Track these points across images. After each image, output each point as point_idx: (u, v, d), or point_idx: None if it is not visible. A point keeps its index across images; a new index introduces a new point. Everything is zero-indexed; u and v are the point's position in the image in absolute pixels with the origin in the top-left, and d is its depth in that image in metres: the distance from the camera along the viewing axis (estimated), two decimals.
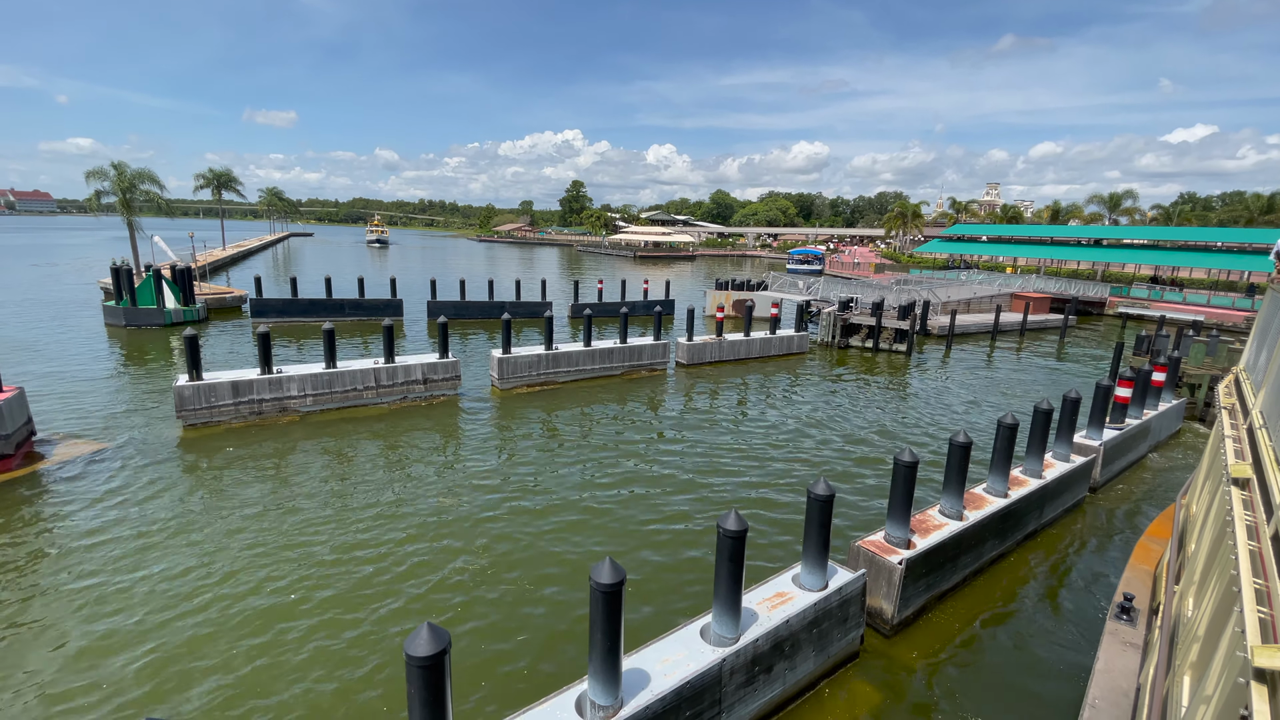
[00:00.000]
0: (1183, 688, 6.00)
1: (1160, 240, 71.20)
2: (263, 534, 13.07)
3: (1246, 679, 3.74)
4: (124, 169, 47.08)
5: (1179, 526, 11.44)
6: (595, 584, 6.42)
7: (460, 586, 11.52)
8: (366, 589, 11.33)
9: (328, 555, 12.37)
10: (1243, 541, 5.49)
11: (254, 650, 9.64)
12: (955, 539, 11.35)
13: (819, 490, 8.91)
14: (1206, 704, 4.61)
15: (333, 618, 10.49)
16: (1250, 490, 6.70)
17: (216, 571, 11.70)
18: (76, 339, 30.70)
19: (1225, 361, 25.45)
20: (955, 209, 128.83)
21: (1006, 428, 12.77)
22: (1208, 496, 9.34)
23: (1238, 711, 3.81)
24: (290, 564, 12.03)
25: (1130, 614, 9.67)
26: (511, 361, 24.19)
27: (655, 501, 15.31)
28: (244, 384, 19.37)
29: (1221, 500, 7.23)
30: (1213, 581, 6.33)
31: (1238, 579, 4.88)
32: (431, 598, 11.15)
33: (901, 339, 35.60)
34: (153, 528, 13.17)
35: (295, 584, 11.41)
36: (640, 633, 9.39)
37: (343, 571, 11.84)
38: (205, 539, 12.81)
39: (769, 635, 8.17)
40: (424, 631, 5.25)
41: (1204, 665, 5.36)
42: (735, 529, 7.62)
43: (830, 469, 17.79)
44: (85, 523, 13.29)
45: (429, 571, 11.95)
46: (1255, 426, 8.34)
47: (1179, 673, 6.36)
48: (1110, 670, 8.55)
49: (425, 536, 13.21)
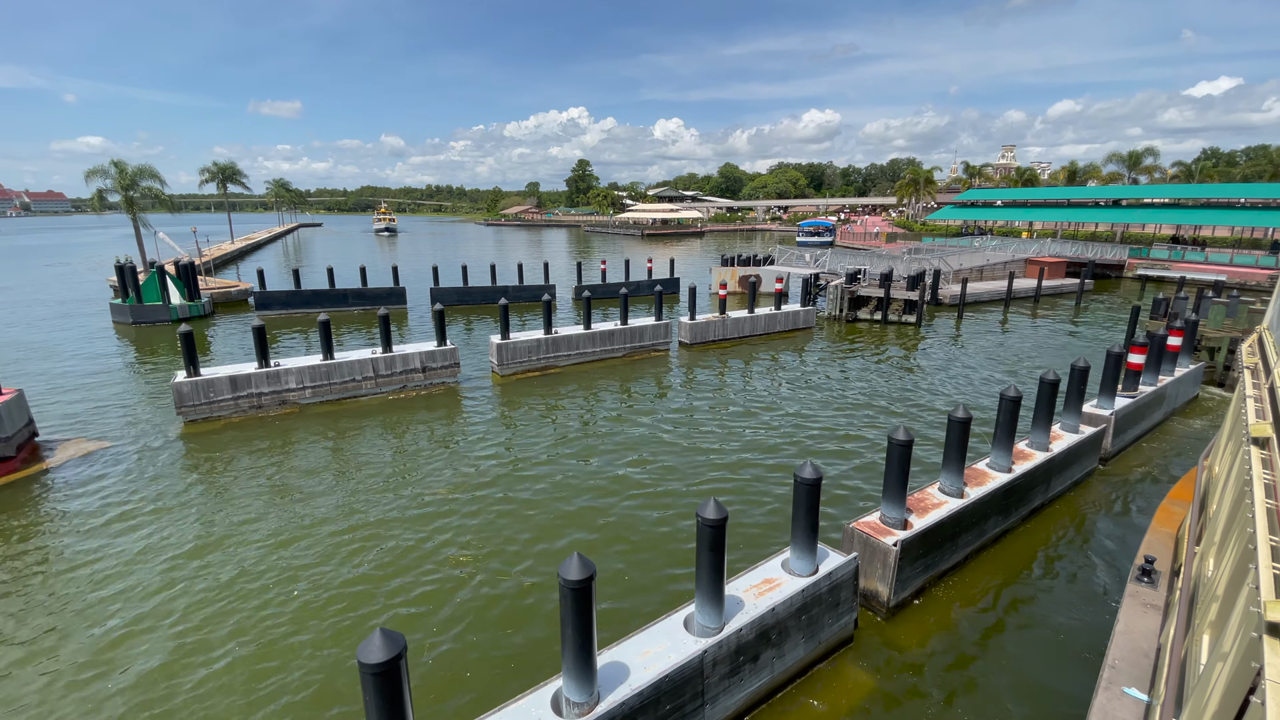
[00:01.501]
0: (1201, 646, 5.92)
1: (1181, 199, 69.00)
2: (260, 530, 13.08)
3: (1260, 634, 3.75)
4: (124, 166, 47.19)
5: (1201, 488, 11.27)
6: (564, 581, 6.21)
7: (455, 580, 11.43)
8: (363, 583, 11.29)
9: (326, 548, 12.35)
10: (1260, 499, 5.50)
11: (264, 649, 9.63)
12: (955, 518, 11.02)
13: (805, 474, 8.61)
14: (1223, 661, 4.60)
15: (342, 606, 10.47)
16: (1270, 449, 6.68)
17: (217, 566, 11.73)
18: (83, 338, 30.99)
19: (1245, 323, 24.58)
20: (969, 173, 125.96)
21: (1009, 400, 12.35)
22: (1229, 457, 9.20)
23: (1252, 667, 3.81)
24: (289, 559, 12.02)
25: (1151, 576, 9.60)
26: (510, 347, 24.00)
27: (655, 488, 15.11)
28: (242, 378, 19.37)
29: (1242, 460, 7.13)
30: (1232, 541, 6.25)
31: (1255, 536, 4.90)
32: (425, 591, 11.07)
33: (911, 310, 34.91)
34: (152, 526, 13.23)
35: (295, 578, 11.39)
36: (638, 621, 9.23)
37: (340, 564, 11.82)
38: (206, 534, 12.85)
39: (754, 624, 7.95)
40: (377, 638, 5.07)
41: (1222, 624, 5.34)
42: (714, 517, 7.37)
43: (835, 447, 17.46)
44: (85, 522, 13.38)
45: (425, 563, 11.88)
46: (1277, 385, 8.31)
47: (1198, 632, 6.27)
48: (1130, 632, 8.45)
49: (422, 527, 13.14)
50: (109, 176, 47.14)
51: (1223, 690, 4.29)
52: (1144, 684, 7.49)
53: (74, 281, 53.57)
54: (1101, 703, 7.28)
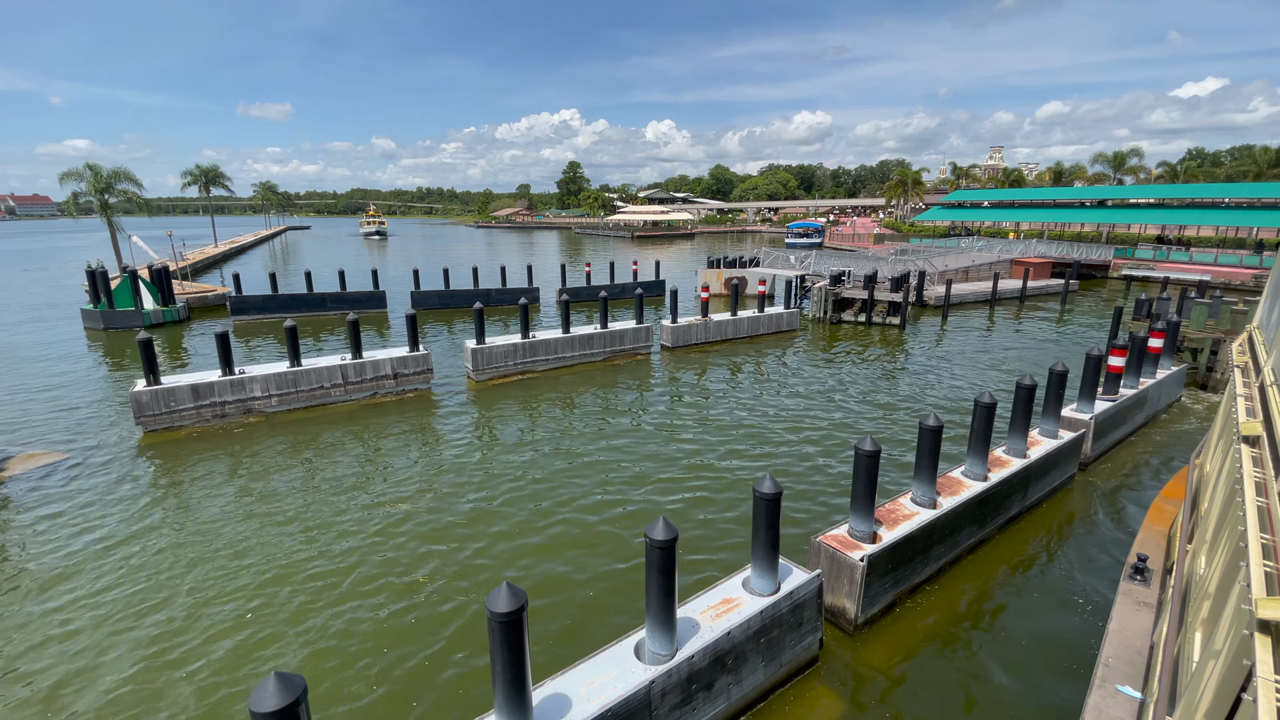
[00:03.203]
0: (1194, 644, 5.96)
1: (1166, 199, 69.23)
2: (218, 541, 12.56)
3: (1251, 631, 3.75)
4: (99, 169, 46.42)
5: (1192, 486, 11.36)
6: (492, 614, 5.78)
7: (415, 601, 10.97)
8: (322, 599, 10.80)
9: (288, 560, 11.85)
10: (1251, 497, 5.56)
11: (220, 662, 9.14)
12: (926, 529, 10.65)
13: (765, 488, 8.23)
14: (1215, 659, 4.62)
15: (302, 624, 9.99)
16: (1261, 448, 6.76)
17: (170, 584, 11.21)
18: (51, 344, 30.25)
19: (1228, 324, 24.41)
20: (956, 174, 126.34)
21: (984, 407, 12.02)
22: (1220, 455, 9.28)
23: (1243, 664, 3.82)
24: (250, 571, 11.51)
25: (1144, 574, 9.56)
26: (486, 352, 23.52)
27: (625, 495, 14.69)
28: (204, 386, 18.82)
29: (1233, 459, 7.23)
30: (1224, 539, 6.32)
31: (1246, 534, 4.95)
32: (385, 611, 10.61)
33: (895, 312, 34.66)
34: (106, 541, 12.68)
35: (256, 591, 10.90)
36: (607, 637, 8.82)
37: (303, 579, 11.32)
38: (161, 548, 12.32)
39: (707, 650, 7.54)
40: (270, 684, 4.64)
41: (1214, 621, 5.39)
42: (663, 538, 6.97)
43: (813, 449, 17.09)
44: (34, 537, 12.82)
45: (374, 583, 11.41)
46: (1267, 384, 8.35)
47: (1190, 629, 6.33)
48: (1124, 630, 8.42)
49: (384, 544, 12.66)
50: (83, 179, 46.38)
51: (1215, 688, 4.31)
52: (1138, 681, 7.45)
53: (50, 286, 52.61)
54: (1095, 700, 7.23)
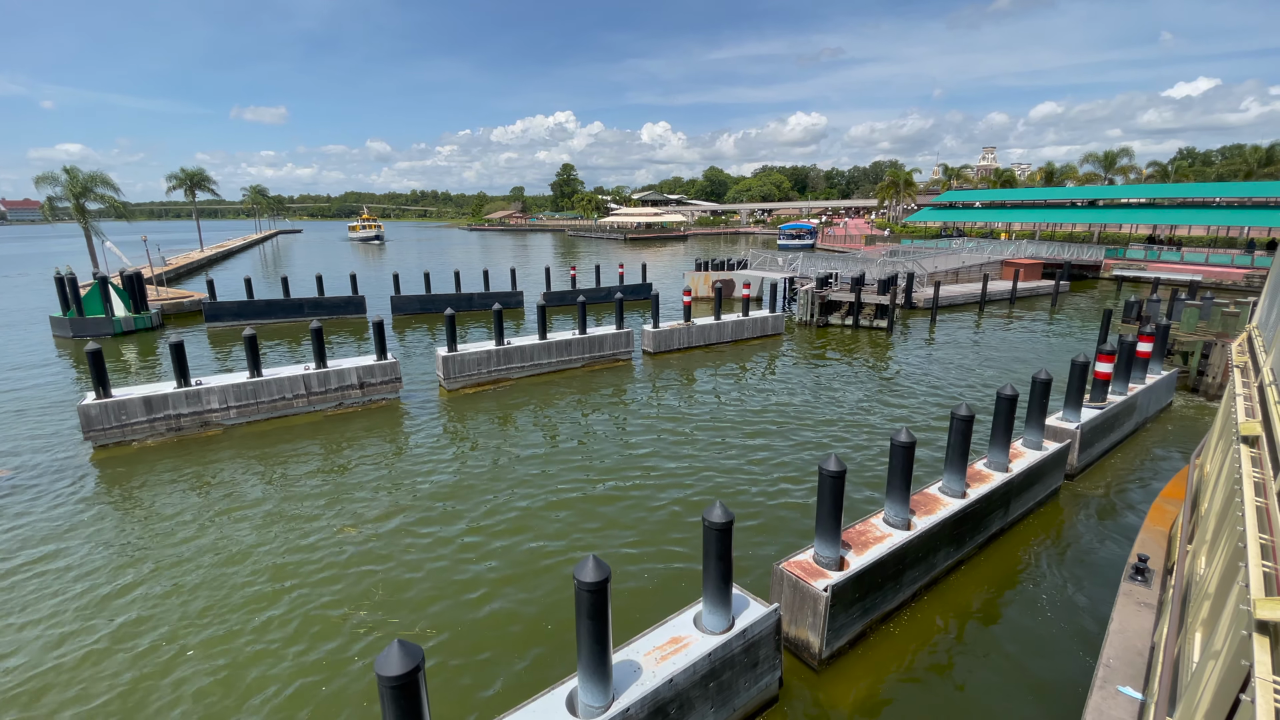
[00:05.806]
0: (1194, 645, 5.94)
1: (1157, 198, 68.86)
2: (160, 561, 11.81)
3: (1250, 632, 3.76)
4: (75, 173, 45.59)
5: (1192, 486, 11.35)
6: (381, 677, 5.07)
7: (352, 633, 10.25)
8: (271, 630, 10.07)
9: (229, 588, 11.11)
10: (1250, 498, 5.54)
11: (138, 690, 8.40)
12: (898, 553, 9.98)
13: (715, 517, 7.53)
14: (1215, 659, 4.61)
15: (231, 655, 9.25)
16: (1260, 448, 6.73)
17: (110, 610, 10.46)
18: (15, 351, 29.38)
19: (1219, 326, 23.86)
20: (948, 175, 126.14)
21: (961, 420, 11.36)
22: (1220, 456, 9.26)
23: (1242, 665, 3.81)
24: (191, 597, 10.77)
25: (1145, 574, 9.53)
26: (458, 359, 22.78)
27: (593, 511, 13.99)
28: (158, 399, 18.04)
29: (1233, 459, 7.20)
30: (1223, 539, 6.29)
31: (1245, 535, 4.93)
32: (332, 643, 9.88)
33: (883, 315, 34.06)
34: (44, 563, 11.91)
35: (194, 623, 10.16)
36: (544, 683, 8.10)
37: (251, 608, 10.59)
38: (96, 571, 11.56)
39: (646, 700, 6.84)
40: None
41: (1213, 622, 5.36)
42: (593, 580, 6.27)
43: (790, 458, 16.41)
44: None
45: (289, 626, 10.68)
46: (1266, 384, 8.33)
47: (1190, 630, 6.31)
48: (1125, 630, 8.38)
49: (334, 568, 11.92)
50: (58, 183, 45.53)
51: (1214, 688, 4.30)
52: (1139, 682, 7.43)
53: (26, 292, 51.68)
54: (1097, 701, 7.18)
